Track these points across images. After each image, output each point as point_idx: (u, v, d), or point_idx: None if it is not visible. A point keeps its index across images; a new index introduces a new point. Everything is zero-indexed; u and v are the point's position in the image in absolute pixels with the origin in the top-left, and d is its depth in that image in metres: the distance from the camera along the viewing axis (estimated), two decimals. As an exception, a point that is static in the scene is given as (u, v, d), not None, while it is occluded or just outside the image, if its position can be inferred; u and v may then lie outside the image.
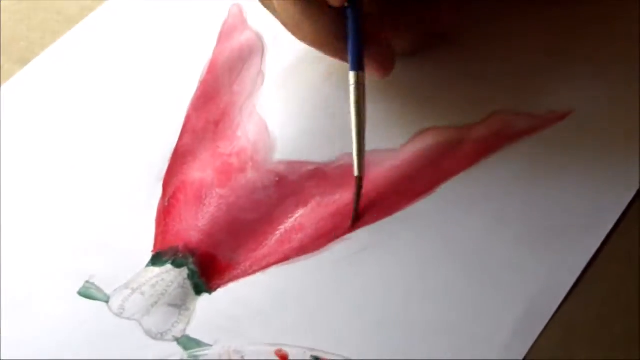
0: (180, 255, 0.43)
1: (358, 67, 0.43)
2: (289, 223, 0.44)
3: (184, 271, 0.43)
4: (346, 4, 0.43)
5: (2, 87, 0.50)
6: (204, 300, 0.42)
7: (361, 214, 0.44)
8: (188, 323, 0.41)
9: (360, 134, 0.43)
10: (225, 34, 0.52)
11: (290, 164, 0.46)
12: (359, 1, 0.42)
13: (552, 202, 0.44)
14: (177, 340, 0.40)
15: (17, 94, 0.50)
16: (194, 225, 0.44)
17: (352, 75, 0.43)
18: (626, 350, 0.40)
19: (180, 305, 0.42)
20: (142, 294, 0.42)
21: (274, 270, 0.43)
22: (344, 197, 0.45)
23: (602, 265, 0.42)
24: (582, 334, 0.40)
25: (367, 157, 0.46)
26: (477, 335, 0.40)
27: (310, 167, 0.46)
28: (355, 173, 0.43)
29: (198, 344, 0.40)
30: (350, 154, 0.46)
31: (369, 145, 0.46)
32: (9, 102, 0.50)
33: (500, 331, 0.40)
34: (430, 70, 0.49)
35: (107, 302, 0.42)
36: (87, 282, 0.43)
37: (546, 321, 0.40)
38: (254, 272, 0.43)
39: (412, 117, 0.47)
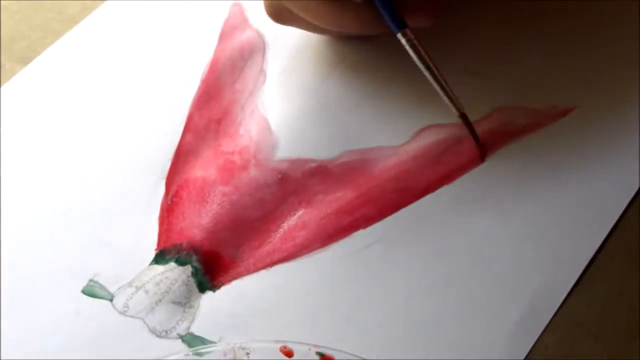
0: (184, 253, 0.43)
1: (399, 25, 0.44)
2: (292, 220, 0.44)
3: (188, 269, 0.43)
4: None
5: (3, 87, 0.50)
6: (208, 297, 0.42)
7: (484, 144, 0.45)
8: (192, 320, 0.41)
9: (439, 81, 0.44)
10: (226, 33, 0.52)
11: (293, 161, 0.46)
12: None
13: (554, 198, 0.44)
14: (182, 337, 0.41)
15: (19, 93, 0.50)
16: (197, 223, 0.44)
17: (400, 36, 0.44)
18: (629, 346, 0.40)
19: (184, 303, 0.42)
20: (146, 292, 0.42)
21: (277, 267, 0.43)
22: (347, 194, 0.45)
23: (604, 261, 0.42)
24: (586, 330, 0.40)
25: (369, 154, 0.46)
26: (481, 331, 0.40)
27: (313, 165, 0.46)
28: (457, 113, 0.45)
29: (202, 341, 0.40)
30: (352, 151, 0.46)
31: (370, 143, 0.46)
32: (10, 101, 0.50)
33: (503, 327, 0.40)
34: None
35: (111, 300, 0.42)
36: (91, 280, 0.43)
37: (549, 317, 0.41)
38: (258, 269, 0.43)
39: (414, 114, 0.47)
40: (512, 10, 0.51)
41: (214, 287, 0.42)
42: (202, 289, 0.42)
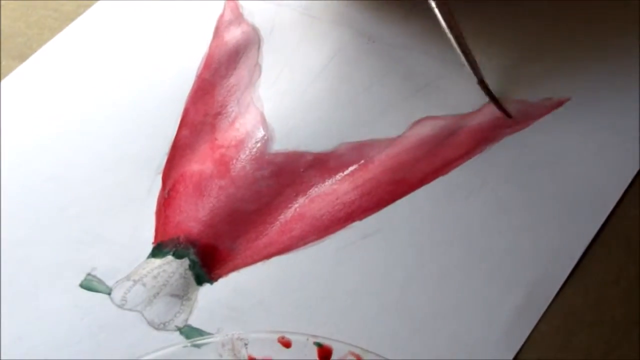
0: (181, 246, 0.43)
1: None
2: (289, 213, 0.44)
3: (185, 262, 0.43)
4: None
5: (1, 83, 0.50)
6: (206, 290, 0.42)
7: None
8: (190, 313, 0.41)
9: (461, 45, 0.45)
10: (221, 28, 0.52)
11: (289, 154, 0.46)
12: None
13: (549, 189, 0.44)
14: (180, 330, 0.41)
15: (16, 90, 0.50)
16: (194, 216, 0.44)
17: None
18: (626, 335, 0.40)
19: (182, 295, 0.42)
20: (144, 285, 0.42)
21: (274, 259, 0.43)
22: (343, 186, 0.45)
23: (600, 251, 0.42)
24: (582, 319, 0.41)
25: (365, 147, 0.46)
26: (478, 320, 0.40)
27: (309, 157, 0.46)
28: (477, 79, 0.46)
29: (200, 333, 0.40)
30: (348, 144, 0.46)
31: (366, 135, 0.46)
32: (8, 98, 0.50)
33: (500, 317, 0.40)
34: (426, 59, 0.49)
35: (109, 294, 0.42)
36: (89, 274, 0.43)
37: (546, 306, 0.41)
38: (255, 261, 0.43)
39: (410, 106, 0.47)
40: (506, 3, 0.51)
41: (211, 280, 0.42)
42: (200, 281, 0.42)
